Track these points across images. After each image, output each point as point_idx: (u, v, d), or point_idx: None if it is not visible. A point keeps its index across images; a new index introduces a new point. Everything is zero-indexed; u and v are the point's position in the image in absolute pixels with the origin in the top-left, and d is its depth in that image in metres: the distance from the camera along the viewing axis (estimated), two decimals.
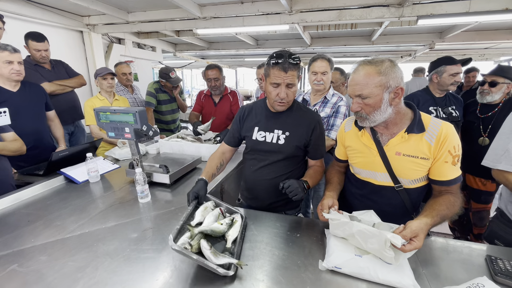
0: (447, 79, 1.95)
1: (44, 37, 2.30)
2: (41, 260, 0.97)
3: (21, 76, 1.83)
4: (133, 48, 4.46)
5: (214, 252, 0.85)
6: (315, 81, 1.88)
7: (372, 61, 0.99)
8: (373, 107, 1.00)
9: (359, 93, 0.99)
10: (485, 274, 0.86)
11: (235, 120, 1.46)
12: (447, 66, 1.95)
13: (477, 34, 4.12)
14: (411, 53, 6.16)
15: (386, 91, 0.97)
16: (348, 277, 0.87)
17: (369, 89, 0.97)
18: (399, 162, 1.07)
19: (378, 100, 0.98)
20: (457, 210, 1.01)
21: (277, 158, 1.35)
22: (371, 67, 0.97)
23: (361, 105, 1.02)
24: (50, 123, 2.15)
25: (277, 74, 1.16)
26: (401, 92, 0.99)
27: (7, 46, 1.74)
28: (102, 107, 1.42)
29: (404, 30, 4.30)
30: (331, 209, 1.06)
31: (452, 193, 1.04)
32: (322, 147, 1.38)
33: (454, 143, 1.00)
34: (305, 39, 4.42)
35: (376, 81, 0.96)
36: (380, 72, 0.96)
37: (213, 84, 2.51)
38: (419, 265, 0.93)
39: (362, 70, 0.99)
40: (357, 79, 0.99)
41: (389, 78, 0.96)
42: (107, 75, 2.38)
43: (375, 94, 0.97)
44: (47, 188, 1.59)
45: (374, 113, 1.01)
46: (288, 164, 1.36)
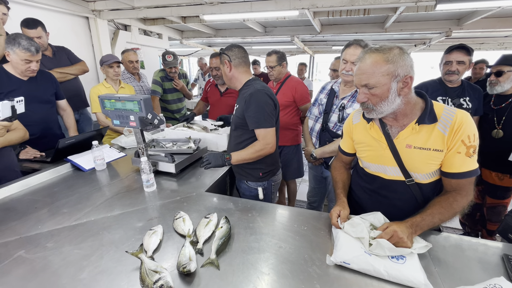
0: (443, 68, 1.92)
1: (38, 24, 2.19)
2: (48, 247, 0.97)
3: (35, 73, 1.82)
4: (139, 35, 4.39)
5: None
6: (343, 71, 1.61)
7: (380, 48, 0.93)
8: (380, 97, 0.94)
9: (366, 83, 0.94)
10: (502, 274, 0.82)
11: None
12: (443, 55, 1.93)
13: (499, 21, 3.88)
14: (426, 42, 5.90)
15: (394, 80, 0.91)
16: (356, 273, 0.85)
17: (376, 78, 0.92)
18: (410, 155, 1.01)
19: (386, 90, 0.92)
20: (458, 211, 0.96)
21: (232, 127, 1.62)
22: (378, 54, 0.91)
23: (367, 95, 0.96)
24: (62, 113, 2.13)
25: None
26: (410, 81, 0.93)
27: (31, 46, 1.70)
28: (107, 94, 1.39)
29: (419, 16, 4.09)
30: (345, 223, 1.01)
31: (458, 191, 0.98)
32: (254, 118, 1.41)
33: (469, 132, 0.93)
34: (315, 26, 4.26)
35: (384, 69, 0.90)
36: (388, 60, 0.90)
37: (215, 73, 2.46)
38: (431, 263, 0.89)
39: (368, 58, 0.93)
40: (363, 67, 0.94)
41: (398, 66, 0.90)
42: (113, 63, 2.35)
43: (382, 83, 0.92)
44: (54, 175, 1.60)
45: (381, 103, 0.95)
46: (240, 135, 1.54)
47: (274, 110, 1.48)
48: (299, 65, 5.98)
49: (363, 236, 0.91)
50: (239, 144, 1.54)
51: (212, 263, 0.88)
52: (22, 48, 1.66)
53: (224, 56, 1.48)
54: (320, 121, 1.80)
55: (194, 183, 1.52)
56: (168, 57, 2.83)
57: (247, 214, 1.20)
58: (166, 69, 2.88)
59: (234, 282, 0.81)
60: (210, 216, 1.11)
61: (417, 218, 0.93)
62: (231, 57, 1.47)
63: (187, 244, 0.93)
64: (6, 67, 1.77)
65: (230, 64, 1.48)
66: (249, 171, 1.57)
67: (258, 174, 1.57)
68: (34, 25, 2.17)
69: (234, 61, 1.48)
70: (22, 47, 1.66)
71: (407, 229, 0.90)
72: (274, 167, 1.62)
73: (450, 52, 1.87)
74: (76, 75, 2.54)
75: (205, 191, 1.42)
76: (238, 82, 1.53)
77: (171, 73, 2.91)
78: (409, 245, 0.87)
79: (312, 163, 1.88)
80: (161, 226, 1.06)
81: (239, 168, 1.61)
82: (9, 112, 1.36)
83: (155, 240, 0.97)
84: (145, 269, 0.82)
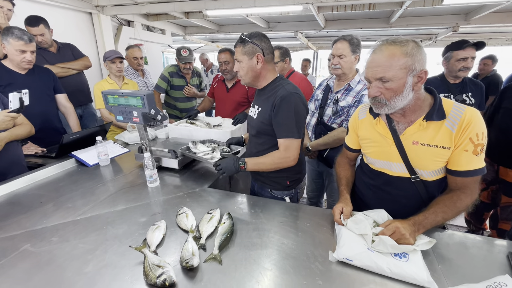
0: (454, 65, 1.90)
1: (40, 21, 2.18)
2: (53, 241, 0.99)
3: (31, 64, 1.83)
4: (142, 30, 4.39)
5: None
6: (332, 65, 1.75)
7: (396, 40, 0.89)
8: (395, 91, 0.90)
9: (381, 76, 0.90)
10: (507, 272, 0.82)
11: None
12: (454, 52, 1.89)
13: (508, 15, 3.80)
14: (432, 37, 5.80)
15: (410, 74, 0.88)
16: (359, 270, 0.84)
17: (393, 71, 0.88)
18: (416, 152, 1.00)
19: (402, 84, 0.89)
20: (462, 209, 0.95)
21: (252, 133, 1.44)
22: (396, 47, 0.88)
23: (381, 89, 0.92)
24: (63, 110, 2.12)
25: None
26: (425, 76, 0.90)
27: (24, 35, 1.70)
28: (110, 90, 1.39)
29: (426, 11, 4.01)
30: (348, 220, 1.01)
31: (463, 189, 0.96)
32: (283, 126, 1.24)
33: (478, 130, 0.91)
34: (319, 21, 4.21)
35: (401, 62, 0.87)
36: (407, 53, 0.86)
37: (224, 67, 2.43)
38: (434, 261, 0.88)
39: (385, 50, 0.89)
40: (379, 60, 0.90)
41: (415, 60, 0.87)
42: (115, 59, 2.34)
43: (399, 77, 0.88)
44: (59, 170, 1.62)
45: (395, 98, 0.92)
46: (264, 141, 1.36)
47: (305, 118, 1.33)
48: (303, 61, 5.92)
49: (366, 233, 0.91)
50: (262, 153, 1.36)
51: (215, 259, 0.88)
52: (15, 37, 1.68)
53: (254, 47, 1.22)
54: (316, 116, 1.87)
55: (197, 178, 1.53)
56: (183, 52, 2.71)
57: (250, 210, 1.20)
58: (180, 64, 2.77)
59: (236, 278, 0.81)
60: (213, 211, 1.11)
61: (420, 217, 0.93)
62: (264, 50, 1.24)
63: (190, 240, 0.93)
64: (4, 62, 1.80)
65: (262, 58, 1.25)
66: (275, 179, 1.41)
67: (285, 183, 1.42)
68: (36, 23, 2.18)
69: (267, 55, 1.26)
70: (15, 36, 1.67)
71: (410, 226, 0.89)
72: (301, 174, 1.48)
73: (465, 48, 1.85)
74: (78, 70, 2.55)
75: (208, 187, 1.43)
76: (264, 80, 1.32)
77: (185, 70, 2.80)
78: (412, 242, 0.87)
79: (308, 156, 1.89)
80: (164, 221, 1.07)
81: (262, 176, 1.45)
82: (18, 104, 1.39)
83: (158, 235, 0.98)
84: (148, 264, 0.83)
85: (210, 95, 2.73)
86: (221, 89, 2.60)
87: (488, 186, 2.12)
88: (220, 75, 2.63)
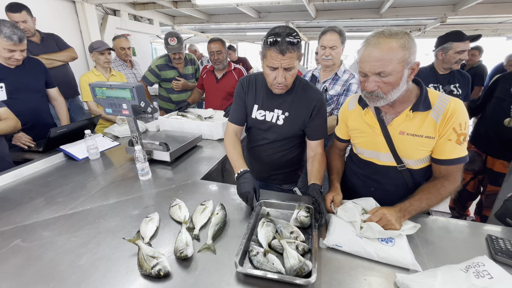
0: (452, 56, 1.88)
1: (22, 8, 2.09)
2: (44, 236, 0.98)
3: (19, 62, 1.75)
4: (129, 20, 4.25)
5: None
6: (323, 56, 1.75)
7: (392, 32, 0.87)
8: (393, 85, 0.90)
9: (381, 70, 0.88)
10: (485, 253, 0.87)
11: (238, 95, 1.33)
12: (454, 43, 1.85)
13: (494, 6, 3.86)
14: (421, 28, 5.85)
15: (407, 67, 0.88)
16: (348, 255, 0.88)
17: (392, 65, 0.86)
18: (402, 142, 1.03)
19: (399, 77, 0.89)
20: (445, 196, 0.99)
21: (275, 138, 1.32)
22: (393, 40, 0.86)
23: (378, 83, 0.91)
24: (54, 103, 2.06)
25: (274, 56, 1.03)
26: (417, 67, 0.92)
27: (14, 35, 1.61)
28: (98, 82, 1.36)
29: (415, 2, 4.03)
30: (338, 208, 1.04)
31: (446, 177, 1.00)
32: (322, 128, 1.27)
33: (461, 120, 0.94)
34: (310, 12, 4.18)
35: (400, 56, 0.86)
36: (404, 46, 0.86)
37: (216, 57, 2.39)
38: (419, 244, 0.93)
39: (383, 43, 0.86)
40: (378, 54, 0.87)
41: (411, 52, 0.87)
42: (105, 50, 2.27)
43: (398, 70, 0.87)
44: (47, 165, 1.59)
45: (392, 91, 0.91)
46: (286, 143, 1.35)
47: None
48: None
49: (355, 220, 0.95)
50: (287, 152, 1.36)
51: (209, 248, 0.90)
52: (4, 37, 1.60)
53: (299, 48, 1.06)
54: None
55: (189, 171, 1.53)
56: (171, 41, 2.44)
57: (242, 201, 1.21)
58: (170, 55, 2.57)
59: (230, 265, 0.83)
60: (206, 203, 1.12)
61: (406, 204, 0.97)
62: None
63: (183, 230, 0.94)
64: None
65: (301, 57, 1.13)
66: (289, 174, 1.42)
67: (298, 174, 1.47)
68: (19, 9, 2.09)
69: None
70: (4, 35, 1.59)
71: (396, 213, 0.93)
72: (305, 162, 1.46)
73: (465, 41, 1.84)
74: (64, 62, 2.47)
75: (201, 179, 1.43)
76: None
77: (175, 60, 2.60)
78: (398, 228, 0.91)
79: None
80: (157, 214, 1.07)
81: (272, 173, 1.43)
82: None
83: (152, 227, 0.99)
84: (142, 255, 0.84)
85: (199, 87, 2.69)
86: (210, 79, 2.57)
87: (476, 175, 2.20)
88: (209, 65, 2.59)
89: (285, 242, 0.86)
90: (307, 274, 0.76)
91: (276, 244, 0.87)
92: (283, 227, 0.95)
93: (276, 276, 0.75)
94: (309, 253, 0.85)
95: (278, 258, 0.82)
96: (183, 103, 2.42)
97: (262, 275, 0.76)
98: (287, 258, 0.79)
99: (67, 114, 2.13)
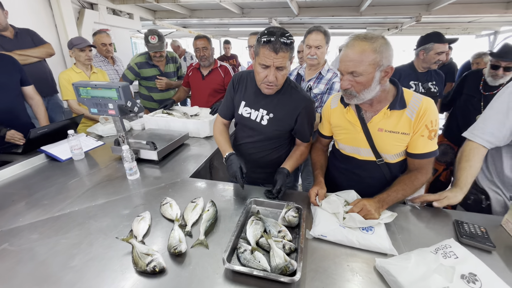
0: (432, 57, 1.97)
1: None
2: (33, 239, 0.97)
3: None
4: (108, 14, 4.09)
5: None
6: (308, 55, 1.80)
7: (367, 36, 0.95)
8: (364, 85, 0.98)
9: (353, 70, 0.97)
10: (452, 236, 0.97)
11: (229, 91, 1.37)
12: (435, 44, 1.93)
13: (463, 7, 4.11)
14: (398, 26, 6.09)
15: (378, 69, 0.96)
16: (332, 244, 0.95)
17: (363, 67, 0.95)
18: (381, 138, 1.11)
19: (370, 78, 0.97)
20: (419, 186, 1.09)
21: (259, 138, 1.36)
22: (367, 43, 0.94)
23: (352, 82, 1.00)
24: (30, 102, 1.97)
25: (267, 54, 1.05)
26: (391, 71, 0.99)
27: None
28: (82, 81, 1.33)
29: (393, 1, 4.20)
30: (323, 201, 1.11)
31: (419, 170, 1.10)
32: (307, 132, 1.32)
33: (432, 118, 1.04)
34: (292, 9, 4.23)
35: (371, 59, 0.94)
36: (376, 50, 0.93)
37: (202, 53, 2.40)
38: (395, 232, 1.02)
39: (357, 46, 0.95)
40: (352, 55, 0.96)
41: (383, 56, 0.94)
42: (85, 47, 2.20)
43: (368, 72, 0.96)
44: (28, 167, 1.54)
45: (363, 91, 1.00)
46: (270, 144, 1.37)
47: None
48: None
49: (339, 211, 1.02)
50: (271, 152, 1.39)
51: (202, 243, 0.93)
52: None
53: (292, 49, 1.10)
54: None
55: (177, 169, 1.54)
56: (151, 39, 2.39)
57: (233, 197, 1.26)
58: (150, 53, 2.52)
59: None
60: (197, 200, 1.15)
61: (383, 195, 1.06)
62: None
63: (176, 228, 0.97)
64: None
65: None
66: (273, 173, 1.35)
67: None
68: None
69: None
70: None
71: (375, 203, 1.01)
72: None
73: (445, 43, 1.93)
74: (40, 58, 2.35)
75: (190, 177, 1.45)
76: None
77: (155, 58, 2.55)
78: (376, 217, 0.99)
79: None
80: (148, 212, 1.09)
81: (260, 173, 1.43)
82: None
83: (144, 225, 1.01)
84: (137, 253, 0.86)
85: (185, 85, 2.68)
86: (196, 77, 2.57)
87: (448, 166, 2.38)
88: (194, 63, 2.59)
89: (273, 241, 0.89)
90: (291, 272, 0.79)
91: (264, 242, 0.91)
92: (272, 226, 0.98)
93: (261, 273, 0.78)
94: (295, 252, 0.89)
95: (265, 256, 0.85)
96: (167, 101, 2.39)
97: (248, 272, 0.79)
98: (273, 257, 0.83)
99: (45, 114, 2.04)
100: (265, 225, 0.99)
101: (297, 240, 0.96)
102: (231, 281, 0.80)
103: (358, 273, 0.83)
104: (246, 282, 0.79)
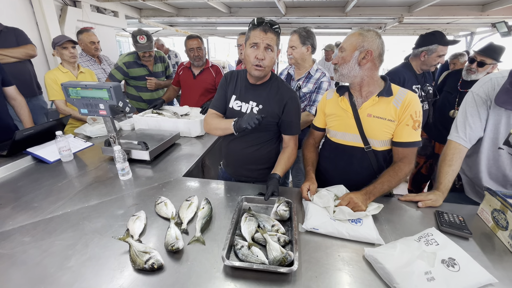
0: (434, 59, 1.87)
1: None
2: (25, 241, 0.96)
3: None
4: (92, 12, 3.98)
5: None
6: (287, 54, 1.94)
7: (364, 28, 1.16)
8: (344, 59, 1.16)
9: (341, 45, 1.19)
10: (433, 225, 1.04)
11: (221, 86, 1.40)
12: (439, 46, 1.82)
13: (442, 9, 4.30)
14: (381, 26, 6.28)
15: (358, 49, 1.13)
16: (324, 236, 1.00)
17: (347, 43, 1.16)
18: (369, 123, 1.20)
19: (350, 55, 1.15)
20: (402, 177, 1.17)
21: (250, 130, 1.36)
22: (359, 31, 1.15)
23: (338, 58, 1.19)
24: (12, 103, 1.90)
25: (257, 34, 1.18)
26: (369, 55, 1.12)
27: None
28: (71, 82, 1.31)
29: (376, 2, 4.34)
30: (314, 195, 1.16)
31: (403, 160, 1.19)
32: (294, 124, 1.35)
33: (416, 109, 1.15)
34: (279, 8, 4.28)
35: (354, 39, 1.14)
36: (361, 34, 1.14)
37: (197, 53, 2.42)
38: (382, 223, 1.08)
39: (354, 33, 1.17)
40: (347, 37, 1.19)
41: (365, 40, 1.12)
42: (66, 43, 2.14)
43: (349, 49, 1.15)
44: (14, 170, 1.50)
45: (343, 65, 1.17)
46: (260, 136, 1.39)
47: None
48: None
49: (329, 205, 1.07)
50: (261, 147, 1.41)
51: (198, 240, 0.95)
52: None
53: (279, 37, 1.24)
54: None
55: (169, 169, 1.55)
56: (140, 39, 2.39)
57: (226, 195, 1.28)
58: (139, 53, 2.51)
59: (220, 254, 0.89)
60: (191, 198, 1.17)
61: (370, 187, 1.13)
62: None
63: (172, 226, 0.99)
64: None
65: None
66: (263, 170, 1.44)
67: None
68: None
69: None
70: None
71: (362, 196, 1.08)
72: None
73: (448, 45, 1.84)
74: (18, 59, 2.26)
75: (182, 176, 1.46)
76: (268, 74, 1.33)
77: (144, 58, 2.54)
78: (364, 209, 1.05)
79: None
80: (143, 212, 1.10)
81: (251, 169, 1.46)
82: None
83: (140, 224, 1.02)
84: (134, 251, 0.87)
85: (175, 84, 2.67)
86: (187, 76, 2.57)
87: (427, 160, 2.51)
88: (185, 62, 2.59)
89: (268, 235, 0.93)
90: (289, 263, 0.83)
91: (259, 237, 0.95)
92: (265, 221, 1.02)
93: (261, 266, 0.81)
94: (289, 244, 0.94)
95: (261, 250, 0.89)
96: (157, 101, 2.37)
97: (248, 267, 0.82)
98: (270, 250, 0.87)
99: (29, 114, 1.97)
100: (258, 221, 1.02)
101: (290, 232, 1.00)
102: (230, 276, 0.82)
103: (349, 262, 0.88)
104: (244, 276, 0.83)
